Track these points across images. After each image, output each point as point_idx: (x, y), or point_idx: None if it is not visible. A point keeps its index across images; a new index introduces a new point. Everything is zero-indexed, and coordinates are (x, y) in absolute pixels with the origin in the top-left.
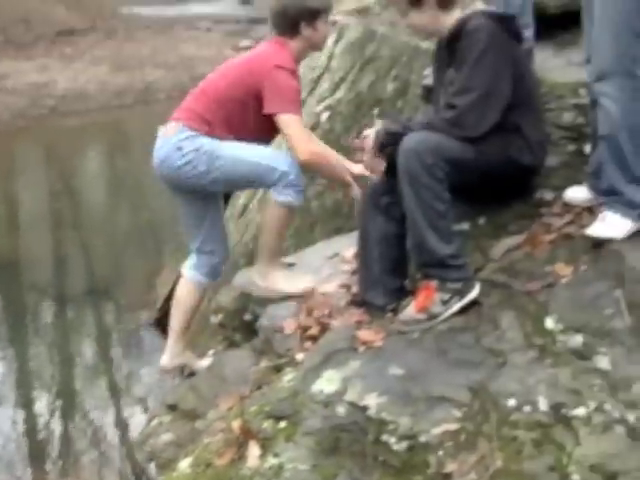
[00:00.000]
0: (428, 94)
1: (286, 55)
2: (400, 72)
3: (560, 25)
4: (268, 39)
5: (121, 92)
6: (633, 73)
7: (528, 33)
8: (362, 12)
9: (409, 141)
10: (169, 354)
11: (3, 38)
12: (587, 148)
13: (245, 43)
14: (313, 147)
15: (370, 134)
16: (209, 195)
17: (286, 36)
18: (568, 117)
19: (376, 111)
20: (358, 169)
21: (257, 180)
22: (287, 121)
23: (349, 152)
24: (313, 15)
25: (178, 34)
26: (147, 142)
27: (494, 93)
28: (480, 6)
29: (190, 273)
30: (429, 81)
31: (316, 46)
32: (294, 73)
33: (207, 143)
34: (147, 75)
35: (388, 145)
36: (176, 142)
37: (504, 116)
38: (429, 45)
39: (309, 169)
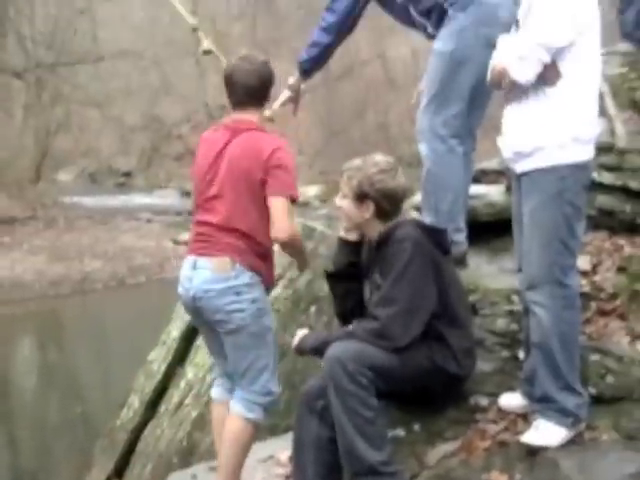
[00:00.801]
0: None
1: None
2: None
3: (493, 232)
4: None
5: (58, 282)
6: (563, 282)
7: (461, 237)
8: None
9: (333, 349)
10: None
11: None
12: (521, 354)
13: (185, 237)
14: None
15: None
16: None
17: (253, 108)
18: (502, 323)
19: (313, 309)
20: None
21: (255, 370)
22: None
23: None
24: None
25: (119, 224)
26: (81, 332)
27: (417, 305)
28: (412, 215)
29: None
30: None
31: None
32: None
33: (262, 299)
34: (85, 265)
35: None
36: (235, 286)
37: (428, 325)
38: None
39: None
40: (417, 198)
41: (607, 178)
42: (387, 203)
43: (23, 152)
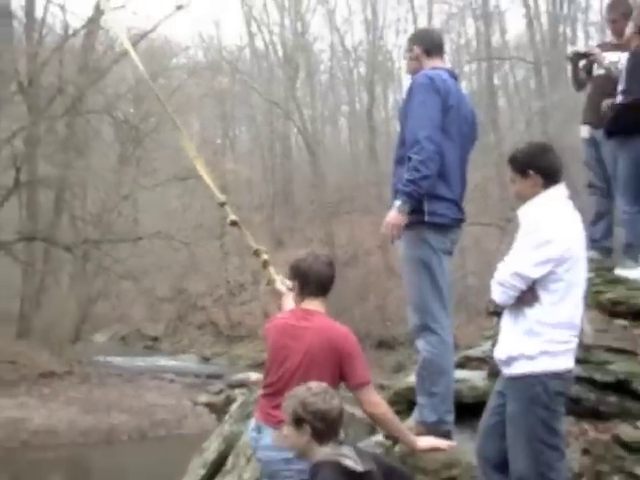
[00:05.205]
0: None
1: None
2: None
3: (475, 413)
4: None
5: (87, 432)
6: (549, 477)
7: (451, 417)
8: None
9: None
10: None
11: None
12: None
13: (202, 399)
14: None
15: None
16: None
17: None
18: None
19: None
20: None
21: None
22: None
23: None
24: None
25: (144, 383)
26: (106, 478)
27: None
28: (342, 450)
29: None
30: None
31: None
32: None
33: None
34: (113, 418)
35: None
36: (288, 457)
37: None
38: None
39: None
40: (411, 379)
41: (575, 370)
42: (321, 424)
43: (66, 315)
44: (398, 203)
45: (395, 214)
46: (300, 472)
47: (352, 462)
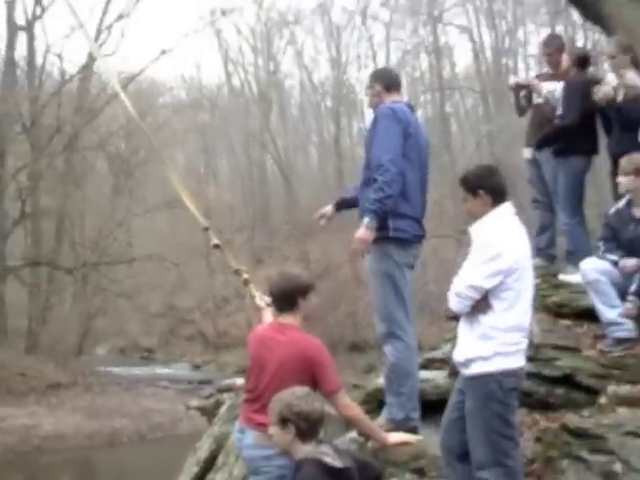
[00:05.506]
0: None
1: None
2: None
3: (438, 409)
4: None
5: (92, 435)
6: (505, 464)
7: (416, 414)
8: None
9: None
10: None
11: (5, 389)
12: None
13: (194, 403)
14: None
15: None
16: None
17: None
18: None
19: None
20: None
21: None
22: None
23: None
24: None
25: (141, 390)
26: (109, 477)
27: None
28: (322, 448)
29: None
30: None
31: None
32: None
33: (287, 466)
34: (114, 422)
35: None
36: (268, 454)
37: None
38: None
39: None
40: (380, 381)
41: (526, 367)
42: (305, 424)
43: (70, 331)
44: (366, 220)
45: (364, 230)
46: (279, 467)
47: (331, 459)
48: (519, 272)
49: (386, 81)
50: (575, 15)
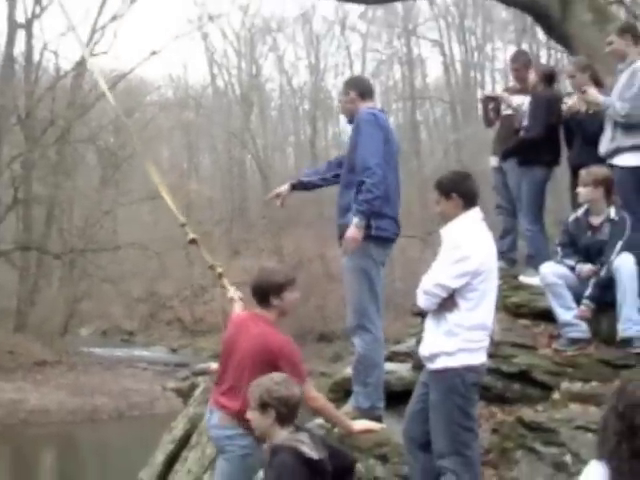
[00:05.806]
0: None
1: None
2: None
3: (402, 399)
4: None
5: (74, 411)
6: (465, 454)
7: (381, 404)
8: None
9: None
10: None
11: None
12: None
13: (171, 384)
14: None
15: None
16: None
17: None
18: (406, 469)
19: None
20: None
21: None
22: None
23: None
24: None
25: (121, 370)
26: (90, 450)
27: None
28: (300, 436)
29: None
30: None
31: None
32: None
33: (250, 445)
34: (95, 400)
35: None
36: (230, 434)
37: None
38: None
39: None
40: (348, 371)
41: (486, 363)
42: (285, 409)
43: (56, 312)
44: (356, 220)
45: (354, 230)
46: (242, 447)
47: (308, 449)
48: (485, 274)
49: (360, 89)
50: (540, 34)
